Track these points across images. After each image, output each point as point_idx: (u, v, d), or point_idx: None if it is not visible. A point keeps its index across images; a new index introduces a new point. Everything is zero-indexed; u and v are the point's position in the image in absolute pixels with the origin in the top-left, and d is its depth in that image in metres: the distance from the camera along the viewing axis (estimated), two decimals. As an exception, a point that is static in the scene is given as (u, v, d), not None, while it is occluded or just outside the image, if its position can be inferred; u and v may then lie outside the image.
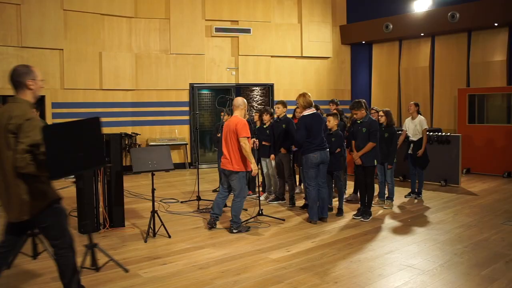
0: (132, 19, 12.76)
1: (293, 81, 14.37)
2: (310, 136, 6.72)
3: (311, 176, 6.81)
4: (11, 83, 3.71)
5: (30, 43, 11.25)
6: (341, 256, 5.42)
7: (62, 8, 11.64)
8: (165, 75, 13.11)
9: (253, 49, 13.92)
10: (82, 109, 12.04)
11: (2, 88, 11.00)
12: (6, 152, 3.51)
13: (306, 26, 14.57)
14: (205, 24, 13.42)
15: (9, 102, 3.68)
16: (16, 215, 3.64)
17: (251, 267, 5.11)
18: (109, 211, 6.73)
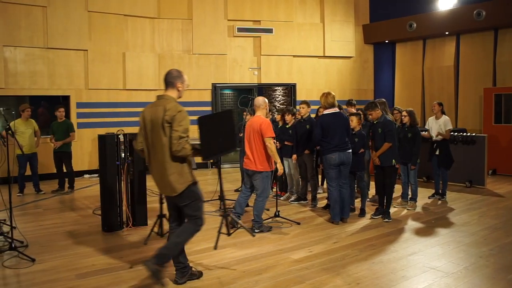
0: (155, 19, 12.87)
1: (316, 81, 14.31)
2: (327, 136, 6.68)
3: (331, 177, 6.78)
4: (164, 82, 4.54)
5: (55, 44, 11.43)
6: (363, 257, 5.38)
7: (87, 10, 11.80)
8: (188, 75, 12.93)
9: (275, 49, 13.91)
10: (106, 108, 12.19)
11: (29, 89, 11.23)
12: (163, 138, 4.22)
13: (329, 26, 14.50)
14: (227, 24, 13.45)
15: (159, 99, 4.43)
16: (168, 192, 4.38)
17: (272, 267, 5.11)
18: (132, 210, 6.81)
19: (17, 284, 4.75)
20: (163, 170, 4.29)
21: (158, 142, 4.27)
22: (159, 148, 4.28)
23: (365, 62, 15.28)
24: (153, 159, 4.39)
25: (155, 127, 4.29)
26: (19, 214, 7.66)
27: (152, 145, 4.35)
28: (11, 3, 10.82)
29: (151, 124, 4.34)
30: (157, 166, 4.35)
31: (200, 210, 4.57)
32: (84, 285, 4.67)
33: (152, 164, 4.43)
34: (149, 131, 4.36)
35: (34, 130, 9.61)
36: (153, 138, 4.32)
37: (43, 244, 6.05)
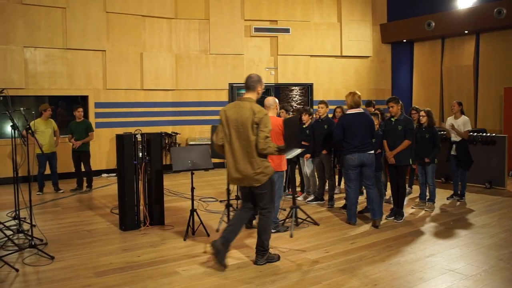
0: (172, 20, 12.94)
1: (333, 80, 14.25)
2: (348, 137, 6.62)
3: (350, 178, 6.73)
4: (246, 85, 5.05)
5: (74, 45, 11.56)
6: (380, 258, 5.34)
7: (105, 11, 11.91)
8: (205, 75, 13.23)
9: (292, 49, 13.88)
10: (123, 108, 12.30)
11: (49, 89, 11.38)
12: (251, 136, 4.82)
13: (346, 25, 14.43)
14: (244, 24, 13.47)
15: (242, 101, 4.99)
16: (252, 183, 4.94)
17: (289, 267, 5.10)
18: (150, 209, 6.85)
19: (37, 281, 4.81)
20: (250, 164, 4.89)
21: (246, 139, 4.86)
22: (247, 145, 4.87)
23: (383, 61, 15.17)
24: (236, 153, 4.93)
25: (242, 126, 4.86)
26: (38, 212, 7.77)
27: (238, 141, 4.91)
28: (31, 4, 10.98)
29: (236, 123, 4.89)
30: (242, 160, 4.90)
31: (273, 201, 5.24)
32: (102, 283, 4.72)
33: (234, 158, 4.95)
34: (233, 129, 4.92)
35: (54, 130, 9.73)
36: (239, 136, 4.89)
37: (62, 242, 6.13)
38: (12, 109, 6.07)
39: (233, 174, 5.01)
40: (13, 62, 10.84)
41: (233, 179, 5.07)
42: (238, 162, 4.93)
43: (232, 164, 4.98)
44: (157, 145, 6.84)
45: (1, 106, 6.12)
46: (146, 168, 6.75)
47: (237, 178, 5.00)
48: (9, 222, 6.75)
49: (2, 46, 10.72)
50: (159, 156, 6.86)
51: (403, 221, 7.00)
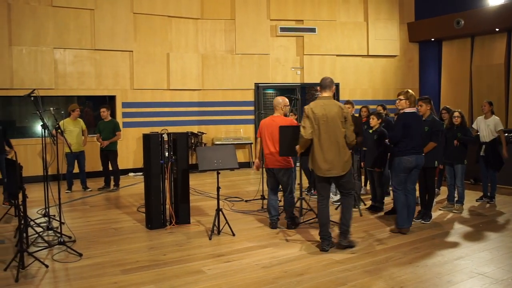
0: (198, 20, 13.02)
1: (359, 80, 14.12)
2: (407, 137, 6.21)
3: (400, 181, 6.31)
4: (323, 85, 5.66)
5: (102, 46, 11.74)
6: (407, 260, 5.27)
7: (132, 12, 12.06)
8: (231, 75, 13.27)
9: (318, 48, 13.81)
10: (150, 108, 12.43)
11: (77, 89, 11.58)
12: (341, 129, 5.47)
13: (373, 24, 14.28)
14: (270, 24, 13.46)
15: (325, 99, 5.61)
16: (339, 171, 5.50)
17: (314, 267, 5.08)
18: (175, 208, 6.91)
19: (66, 277, 4.90)
20: (340, 155, 5.49)
21: (335, 132, 5.48)
22: (337, 138, 5.48)
23: (410, 61, 14.96)
24: (325, 146, 5.49)
25: (332, 121, 5.47)
26: (67, 210, 7.91)
27: (326, 135, 5.48)
28: (61, 7, 11.19)
29: (325, 118, 5.46)
30: (331, 151, 5.48)
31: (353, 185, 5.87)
32: (128, 280, 4.78)
33: (323, 150, 5.50)
34: (323, 124, 5.47)
35: (82, 129, 9.90)
36: (328, 130, 5.47)
37: (90, 240, 6.23)
38: (42, 109, 6.20)
39: (322, 165, 5.53)
40: (43, 63, 11.08)
41: (321, 169, 5.54)
42: (327, 154, 5.49)
43: (321, 156, 5.51)
44: (183, 145, 6.89)
45: (32, 106, 6.25)
46: (172, 167, 6.81)
47: (326, 168, 5.51)
48: (39, 219, 6.90)
49: (33, 48, 10.95)
50: (185, 155, 6.91)
51: (431, 223, 6.89)
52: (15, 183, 5.09)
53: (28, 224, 5.68)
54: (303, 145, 5.70)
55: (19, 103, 11.53)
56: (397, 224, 6.40)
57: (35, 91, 6.11)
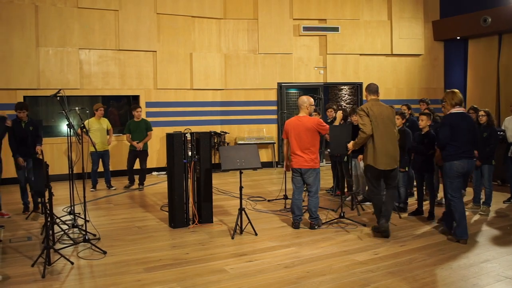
0: (221, 20, 13.06)
1: (383, 79, 13.96)
2: (456, 139, 5.85)
3: (456, 187, 5.93)
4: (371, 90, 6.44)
5: (126, 46, 11.87)
6: (431, 262, 5.20)
7: (156, 12, 12.16)
8: (253, 75, 13.28)
9: (341, 48, 13.72)
10: (173, 108, 12.52)
11: (102, 89, 11.73)
12: (393, 128, 6.18)
13: (397, 23, 14.12)
14: (293, 24, 13.42)
15: (377, 101, 6.33)
16: (393, 164, 6.12)
17: (337, 268, 5.05)
18: (198, 207, 6.95)
19: (90, 274, 4.98)
20: (394, 150, 6.13)
21: (390, 130, 6.13)
22: (391, 135, 6.13)
23: (435, 59, 14.75)
24: (386, 141, 6.06)
25: (388, 119, 6.14)
26: (92, 208, 8.03)
27: (385, 131, 6.08)
28: (86, 8, 11.36)
29: (381, 117, 6.07)
30: (388, 146, 6.07)
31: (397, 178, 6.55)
32: (151, 278, 4.82)
33: (385, 145, 6.06)
34: (380, 123, 6.05)
35: (107, 129, 10.01)
36: (385, 127, 6.08)
37: (114, 238, 6.30)
38: (68, 108, 6.30)
39: (383, 159, 6.06)
40: (69, 64, 11.26)
41: (382, 163, 6.06)
42: (387, 148, 6.06)
43: (384, 151, 6.05)
44: (206, 144, 6.93)
45: (58, 106, 6.36)
46: (195, 166, 6.85)
47: (387, 162, 6.07)
48: (65, 217, 7.02)
49: (59, 48, 11.14)
50: (208, 155, 6.94)
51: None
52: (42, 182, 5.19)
53: (54, 221, 5.78)
54: (362, 142, 6.18)
55: (45, 103, 11.76)
56: (455, 234, 6.00)
57: (61, 91, 6.21)
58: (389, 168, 6.11)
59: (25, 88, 10.83)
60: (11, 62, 10.64)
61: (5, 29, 10.57)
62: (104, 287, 4.62)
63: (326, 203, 8.12)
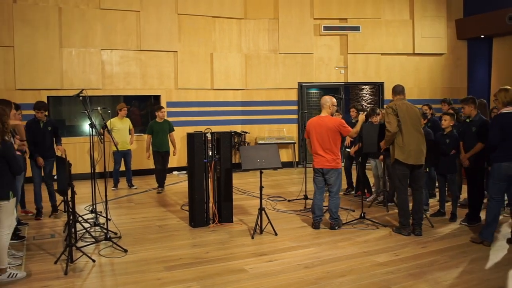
0: (241, 20, 13.09)
1: (404, 79, 13.79)
2: (506, 140, 5.62)
3: (498, 190, 5.74)
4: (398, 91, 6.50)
5: (147, 47, 11.97)
6: (453, 264, 5.13)
7: (177, 13, 12.24)
8: (274, 75, 13.26)
9: (362, 47, 13.62)
10: (194, 108, 12.59)
11: (124, 89, 11.86)
12: (420, 126, 6.31)
13: (419, 22, 13.94)
14: (314, 23, 13.36)
15: (404, 100, 6.44)
16: (421, 160, 6.23)
17: (357, 269, 5.02)
18: (219, 207, 6.97)
19: (112, 272, 5.04)
20: (421, 147, 6.22)
21: (418, 128, 6.29)
22: (419, 132, 6.26)
23: (458, 59, 14.53)
24: (412, 137, 6.18)
25: (415, 116, 6.29)
26: (113, 207, 8.12)
27: (413, 128, 6.20)
28: (108, 9, 11.50)
29: (409, 116, 6.21)
30: (416, 142, 6.19)
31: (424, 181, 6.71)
32: (171, 277, 4.86)
33: (415, 141, 6.19)
34: (408, 120, 6.19)
35: (129, 128, 10.09)
36: (413, 125, 6.22)
37: (135, 236, 6.37)
38: (90, 108, 6.38)
39: (412, 153, 6.16)
40: (91, 64, 11.41)
41: (412, 157, 6.16)
42: (417, 144, 6.18)
43: (413, 145, 6.15)
44: (227, 144, 6.94)
45: (81, 105, 6.44)
46: (216, 166, 6.87)
47: (416, 156, 6.17)
48: (87, 215, 7.11)
49: (82, 49, 11.30)
50: (228, 154, 6.96)
51: (479, 226, 6.66)
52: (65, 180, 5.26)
53: (77, 220, 5.87)
54: (389, 140, 6.27)
55: (68, 102, 11.95)
56: (481, 234, 5.86)
57: (84, 91, 6.29)
58: (418, 163, 6.20)
59: (49, 88, 11.01)
60: (35, 63, 10.84)
61: (30, 31, 10.77)
62: (124, 285, 4.66)
63: (346, 204, 8.07)
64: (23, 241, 6.15)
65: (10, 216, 4.88)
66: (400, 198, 6.38)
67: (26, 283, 4.73)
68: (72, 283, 4.70)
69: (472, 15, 13.92)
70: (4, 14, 10.58)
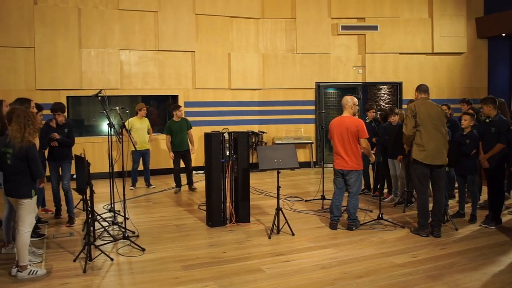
0: (259, 20, 13.08)
1: (423, 79, 13.59)
2: None
3: None
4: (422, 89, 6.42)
5: (165, 47, 12.04)
6: (473, 267, 5.05)
7: (194, 13, 12.29)
8: (291, 74, 13.23)
9: (380, 47, 13.51)
10: (212, 107, 12.62)
11: (142, 89, 11.95)
12: (441, 127, 6.14)
13: (438, 20, 13.78)
14: (331, 23, 13.30)
15: (426, 99, 6.31)
16: (442, 161, 6.13)
17: (374, 270, 4.98)
18: (236, 207, 6.98)
19: (129, 271, 5.08)
20: (443, 147, 6.14)
21: (439, 128, 6.13)
22: (439, 133, 6.11)
23: (478, 58, 14.31)
24: (431, 137, 6.09)
25: (437, 115, 6.15)
26: (131, 206, 8.18)
27: (432, 129, 6.10)
28: (126, 10, 11.60)
29: (429, 115, 6.12)
30: (435, 143, 6.09)
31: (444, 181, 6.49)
32: (188, 276, 4.88)
33: (435, 141, 6.09)
34: (427, 120, 6.10)
35: (148, 128, 10.15)
36: (433, 125, 6.10)
37: (153, 235, 6.41)
38: (109, 108, 6.43)
39: (431, 153, 6.08)
40: (110, 64, 11.52)
41: (429, 157, 6.08)
42: (436, 144, 6.08)
43: (431, 146, 6.07)
44: (244, 144, 6.95)
45: (99, 105, 6.50)
46: (233, 166, 6.88)
47: (434, 156, 6.08)
48: (105, 214, 7.18)
49: (101, 50, 11.41)
50: (246, 154, 6.96)
51: (499, 228, 6.57)
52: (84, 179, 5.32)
53: (95, 218, 5.93)
54: (406, 141, 6.32)
55: (87, 102, 12.07)
56: None
57: (102, 91, 6.35)
58: (436, 163, 6.10)
59: (68, 89, 11.15)
60: (55, 63, 10.99)
61: (50, 32, 10.92)
62: (142, 284, 4.70)
63: (364, 204, 8.02)
64: (43, 239, 6.24)
65: (31, 214, 4.96)
66: (420, 198, 6.31)
67: (46, 280, 4.79)
68: (91, 281, 4.75)
69: (493, 13, 13.70)
70: (25, 15, 10.75)
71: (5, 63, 10.69)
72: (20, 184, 4.83)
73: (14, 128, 4.79)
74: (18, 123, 4.80)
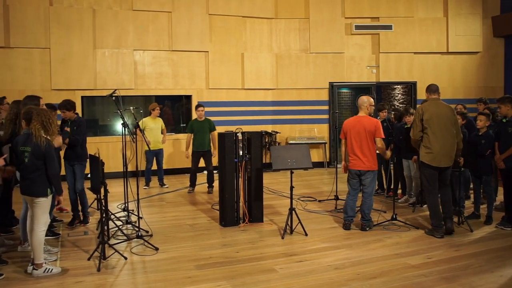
0: (272, 20, 13.07)
1: (438, 78, 13.49)
2: None
3: None
4: (432, 89, 6.42)
5: (179, 47, 12.09)
6: (488, 269, 5.00)
7: (208, 13, 12.32)
8: (305, 74, 13.21)
9: (394, 46, 13.41)
10: (225, 107, 12.64)
11: (156, 89, 12.01)
12: (452, 129, 6.09)
13: (453, 20, 13.64)
14: (345, 22, 13.24)
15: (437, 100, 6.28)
16: (449, 162, 6.14)
17: (388, 271, 4.95)
18: (249, 206, 6.98)
19: (143, 270, 5.11)
20: (451, 149, 6.11)
21: (448, 130, 6.08)
22: (448, 134, 6.08)
23: (494, 57, 14.14)
24: (438, 139, 6.06)
25: (445, 119, 6.10)
26: (145, 205, 8.22)
27: (440, 130, 6.07)
28: (140, 10, 11.67)
29: (437, 116, 6.09)
30: (442, 145, 6.06)
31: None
32: (201, 275, 4.89)
33: (441, 143, 6.06)
34: (436, 122, 6.08)
35: (161, 128, 10.20)
36: (441, 127, 6.07)
37: (166, 235, 6.43)
38: (123, 108, 6.48)
39: (438, 156, 6.08)
40: (124, 64, 11.59)
41: (436, 160, 6.09)
42: (444, 146, 6.07)
43: (438, 148, 6.05)
44: (258, 144, 6.95)
45: (114, 105, 6.54)
46: (247, 166, 6.89)
47: (441, 160, 6.08)
48: (119, 214, 7.22)
49: (115, 50, 11.50)
50: (259, 154, 6.96)
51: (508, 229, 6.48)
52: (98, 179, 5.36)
53: (109, 217, 5.97)
54: (414, 143, 6.35)
55: (101, 102, 12.17)
56: None
57: (116, 91, 6.39)
58: (442, 165, 6.10)
59: (83, 89, 11.25)
60: (70, 64, 11.09)
61: (65, 33, 11.02)
62: (155, 283, 4.72)
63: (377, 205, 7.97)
64: (58, 238, 6.30)
65: (46, 213, 5.01)
66: (429, 199, 6.28)
67: (61, 278, 4.84)
68: (105, 280, 4.79)
69: (510, 12, 13.52)
70: (41, 16, 10.87)
71: (21, 63, 10.83)
72: (36, 183, 4.88)
73: (36, 127, 4.82)
74: (39, 121, 4.84)
